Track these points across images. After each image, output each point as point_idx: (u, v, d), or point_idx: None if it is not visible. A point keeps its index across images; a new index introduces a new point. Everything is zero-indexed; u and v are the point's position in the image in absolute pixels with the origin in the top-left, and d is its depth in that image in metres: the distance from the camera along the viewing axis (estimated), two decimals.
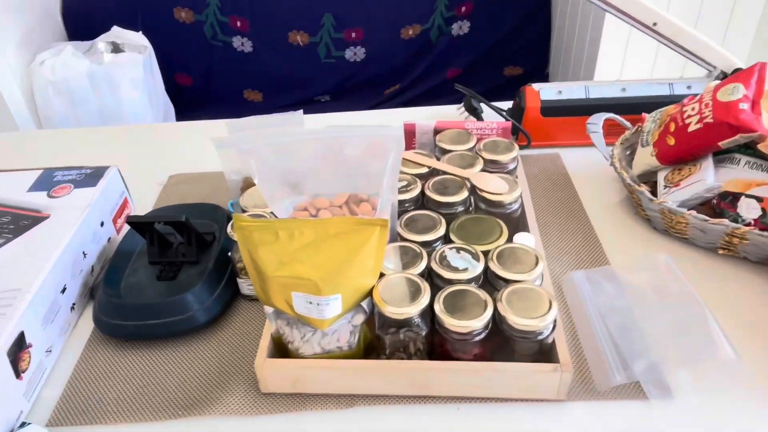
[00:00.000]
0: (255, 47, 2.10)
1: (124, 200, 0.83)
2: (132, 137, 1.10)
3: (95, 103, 1.79)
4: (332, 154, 0.59)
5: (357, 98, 2.18)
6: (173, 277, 0.68)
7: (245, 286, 0.68)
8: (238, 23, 2.05)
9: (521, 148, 0.93)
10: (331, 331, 0.54)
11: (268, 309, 0.55)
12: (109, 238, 0.77)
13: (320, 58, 2.13)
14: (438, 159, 0.77)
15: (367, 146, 0.58)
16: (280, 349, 0.58)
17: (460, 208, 0.69)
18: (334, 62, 2.13)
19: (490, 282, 0.58)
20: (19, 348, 0.57)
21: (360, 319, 0.56)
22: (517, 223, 0.71)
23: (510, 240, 0.63)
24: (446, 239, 0.65)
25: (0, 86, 1.73)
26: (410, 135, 0.85)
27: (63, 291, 0.65)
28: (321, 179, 0.63)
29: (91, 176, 0.78)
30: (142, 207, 0.88)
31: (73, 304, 0.68)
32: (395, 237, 0.64)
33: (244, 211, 0.71)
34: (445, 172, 0.73)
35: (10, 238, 0.68)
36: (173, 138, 1.09)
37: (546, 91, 0.93)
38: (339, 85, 2.18)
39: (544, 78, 2.14)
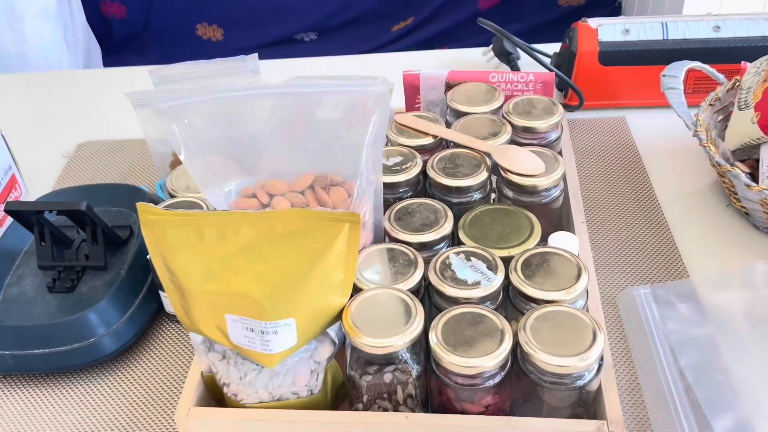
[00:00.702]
0: None
1: (10, 179, 0.81)
2: (28, 90, 1.09)
3: None
4: (293, 118, 0.56)
5: (354, 36, 2.15)
6: (71, 288, 0.67)
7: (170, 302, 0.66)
8: None
9: (569, 109, 0.91)
10: (284, 371, 0.52)
11: (196, 338, 0.54)
12: None
13: None
14: (449, 125, 0.75)
15: (343, 107, 0.56)
16: (214, 394, 0.56)
17: (477, 196, 0.67)
18: None
19: (511, 302, 0.56)
20: None
21: (325, 353, 0.54)
22: (557, 218, 0.69)
23: (543, 242, 0.61)
24: (453, 240, 0.63)
25: None
26: (412, 90, 0.83)
27: None
28: (277, 153, 0.61)
29: None
30: (37, 188, 0.86)
31: None
32: (381, 236, 0.62)
33: (172, 197, 0.69)
34: (457, 145, 0.70)
35: None
36: (87, 92, 1.07)
37: (607, 29, 0.90)
38: (330, 17, 2.15)
39: (613, 11, 2.09)
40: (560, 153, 0.75)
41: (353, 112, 0.56)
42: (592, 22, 0.90)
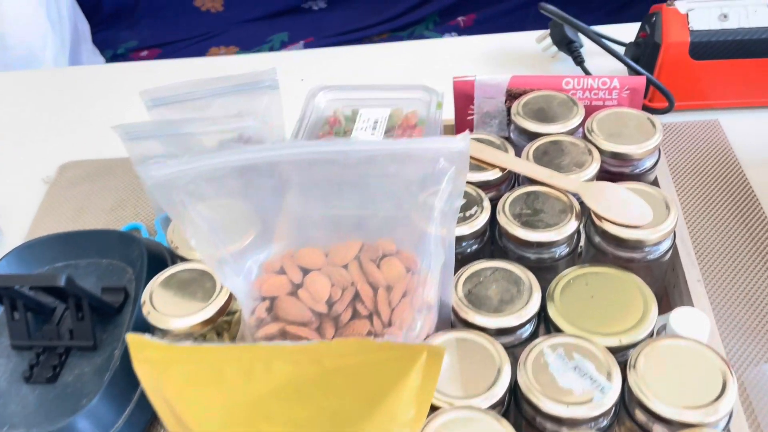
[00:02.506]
0: None
1: None
2: (2, 92, 0.95)
3: None
4: (335, 178, 0.43)
5: (368, 4, 2.00)
6: (53, 377, 0.54)
7: None
8: None
9: (652, 111, 0.77)
10: None
11: None
12: None
13: None
14: (513, 144, 0.61)
15: (404, 166, 0.42)
16: None
17: (563, 252, 0.54)
18: None
19: (629, 414, 0.44)
20: None
21: None
22: (661, 276, 0.56)
23: (663, 326, 0.48)
24: (539, 318, 0.50)
25: None
26: (464, 99, 0.69)
27: None
28: (310, 216, 0.48)
29: None
30: (14, 226, 0.74)
31: None
32: (448, 318, 0.49)
33: (174, 257, 0.56)
34: (531, 180, 0.57)
35: None
36: (70, 96, 0.93)
37: (700, 14, 0.75)
38: None
39: None
40: (656, 182, 0.62)
41: (419, 169, 0.42)
42: (681, 5, 0.76)
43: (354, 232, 0.47)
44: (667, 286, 0.58)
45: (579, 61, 0.85)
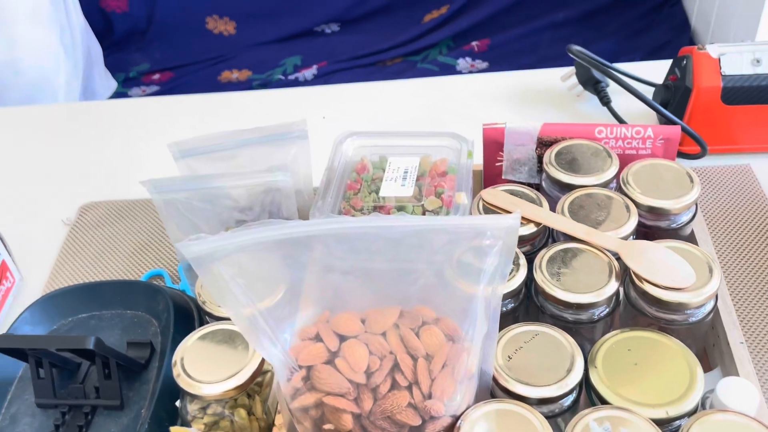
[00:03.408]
0: None
1: (0, 266, 0.68)
2: (13, 132, 0.95)
3: None
4: (374, 251, 0.42)
5: (380, 28, 1.99)
6: None
7: None
8: None
9: (684, 156, 0.76)
10: None
11: None
12: None
13: None
14: (548, 197, 0.60)
15: (430, 241, 0.42)
16: None
17: (601, 313, 0.53)
18: None
19: None
20: None
21: None
22: (702, 339, 0.55)
23: (708, 394, 0.47)
24: (583, 387, 0.49)
25: None
26: (494, 146, 0.69)
27: None
28: (338, 286, 0.47)
29: None
30: (34, 271, 0.73)
31: None
32: (487, 387, 0.48)
33: (202, 312, 0.56)
34: (567, 236, 0.56)
35: None
36: (88, 133, 0.93)
37: (732, 59, 0.74)
38: (354, 6, 2.01)
39: (680, 14, 1.91)
40: (692, 235, 0.61)
41: (465, 242, 0.42)
42: (712, 49, 0.75)
43: (392, 298, 0.46)
44: (707, 346, 0.57)
45: (605, 101, 0.84)
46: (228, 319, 0.52)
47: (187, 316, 0.60)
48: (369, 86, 0.97)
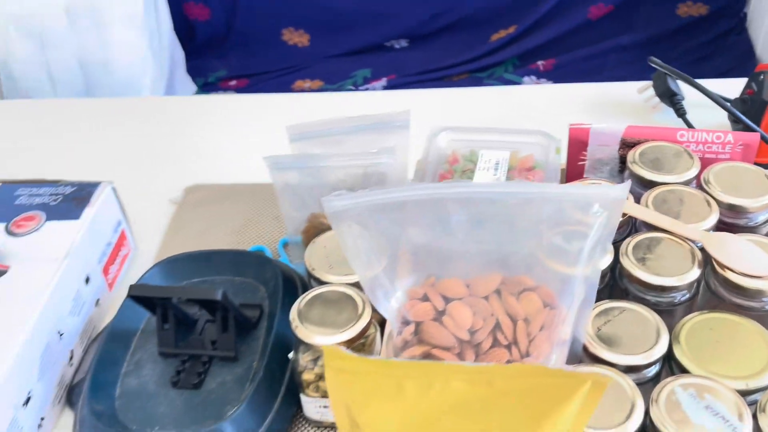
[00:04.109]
0: None
1: (120, 236, 0.74)
2: (127, 118, 1.02)
3: (73, 48, 1.74)
4: (465, 219, 0.47)
5: (448, 45, 2.04)
6: (198, 384, 0.59)
7: (313, 406, 0.58)
8: None
9: (761, 166, 0.78)
10: None
11: None
12: (98, 301, 0.69)
13: None
14: (635, 196, 0.64)
15: (537, 211, 0.46)
16: None
17: (683, 297, 0.56)
18: None
19: None
20: None
21: None
22: None
23: None
24: (667, 360, 0.52)
25: None
26: (579, 145, 0.73)
27: (26, 402, 0.57)
28: (449, 245, 0.51)
29: (72, 200, 0.70)
30: (145, 242, 0.79)
31: (42, 418, 0.59)
32: (577, 354, 0.52)
33: (311, 277, 0.61)
34: (650, 226, 0.60)
35: None
36: (190, 122, 1.00)
37: None
38: (424, 24, 2.06)
39: (739, 23, 1.94)
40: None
41: (569, 212, 0.46)
42: None
43: (495, 267, 0.51)
44: None
45: (681, 113, 0.87)
46: (344, 294, 0.57)
47: (292, 283, 0.65)
48: (447, 92, 1.02)
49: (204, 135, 0.96)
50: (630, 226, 0.63)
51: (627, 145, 0.70)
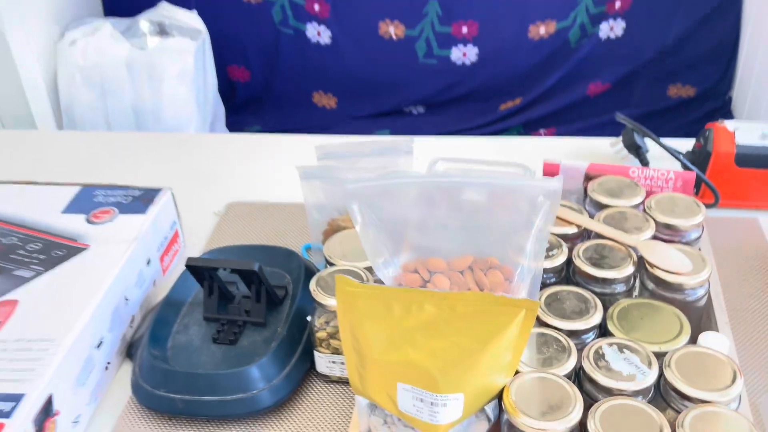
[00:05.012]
0: (334, 38, 2.20)
1: (174, 233, 0.88)
2: (179, 149, 1.18)
3: (130, 97, 1.93)
4: (460, 204, 0.61)
5: (461, 112, 2.22)
6: (234, 341, 0.72)
7: (324, 362, 0.70)
8: (317, 6, 2.16)
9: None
10: None
11: (362, 401, 0.57)
12: (154, 281, 0.83)
13: (418, 57, 2.19)
14: (590, 216, 0.78)
15: (512, 199, 0.60)
16: None
17: (621, 289, 0.69)
18: (435, 64, 2.19)
19: (664, 399, 0.58)
20: (45, 415, 0.62)
21: (481, 428, 0.57)
22: (698, 317, 0.70)
23: (693, 341, 0.63)
24: (602, 330, 0.65)
25: (20, 67, 1.89)
26: (551, 177, 0.86)
27: (99, 346, 0.71)
28: (435, 233, 0.65)
29: (140, 200, 0.85)
30: (193, 244, 0.93)
31: (108, 363, 0.73)
32: None
33: (329, 263, 0.74)
34: (600, 236, 0.73)
35: (40, 271, 0.74)
36: (231, 154, 1.15)
37: (744, 132, 0.92)
38: (439, 93, 2.23)
39: (725, 105, 2.10)
40: (700, 251, 0.77)
41: (516, 200, 0.60)
42: (729, 124, 0.92)
43: (469, 249, 0.64)
44: (705, 325, 0.72)
45: (644, 163, 1.01)
46: (352, 271, 0.70)
47: (311, 273, 0.79)
48: (451, 138, 1.18)
49: (243, 163, 1.12)
50: (584, 238, 0.77)
51: (589, 178, 0.84)
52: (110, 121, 1.94)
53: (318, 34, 2.20)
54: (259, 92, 2.31)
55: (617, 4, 2.07)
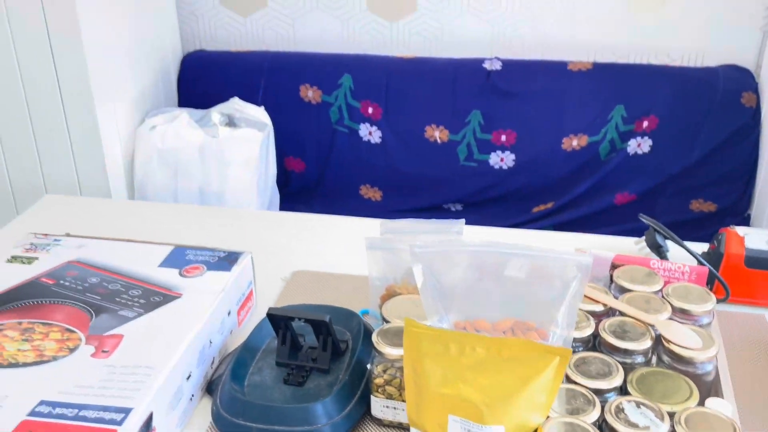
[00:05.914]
0: (384, 138, 2.36)
1: (249, 292, 1.00)
2: (247, 222, 1.31)
3: (199, 180, 2.08)
4: (505, 272, 0.71)
5: (496, 212, 2.33)
6: (301, 383, 0.81)
7: (379, 406, 0.79)
8: (370, 110, 2.33)
9: (717, 301, 1.01)
10: None
11: None
12: (231, 331, 0.93)
13: (459, 159, 2.34)
14: (615, 298, 0.87)
15: (540, 268, 0.70)
16: None
17: (640, 359, 0.78)
18: (475, 166, 2.33)
19: None
20: (145, 429, 0.72)
21: None
22: (708, 388, 0.78)
23: (701, 404, 0.71)
24: (622, 391, 0.74)
25: (105, 146, 2.07)
26: None
27: (188, 378, 0.81)
28: (480, 299, 0.75)
29: (225, 260, 0.96)
30: (262, 305, 1.04)
31: (192, 394, 0.82)
32: None
33: (385, 321, 0.84)
34: (624, 314, 0.83)
35: (141, 312, 0.86)
36: (292, 230, 1.28)
37: (753, 237, 1.01)
38: (477, 193, 2.36)
39: (743, 221, 2.19)
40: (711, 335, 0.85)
41: (551, 274, 0.70)
42: (740, 230, 1.02)
43: (510, 312, 0.74)
44: (714, 396, 0.80)
45: (664, 259, 1.11)
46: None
47: (369, 331, 0.89)
48: (493, 229, 1.29)
49: (304, 238, 1.24)
50: (609, 314, 0.86)
51: (615, 267, 0.94)
52: (178, 200, 2.09)
53: (370, 133, 2.36)
54: (311, 182, 2.46)
55: (645, 124, 2.21)
